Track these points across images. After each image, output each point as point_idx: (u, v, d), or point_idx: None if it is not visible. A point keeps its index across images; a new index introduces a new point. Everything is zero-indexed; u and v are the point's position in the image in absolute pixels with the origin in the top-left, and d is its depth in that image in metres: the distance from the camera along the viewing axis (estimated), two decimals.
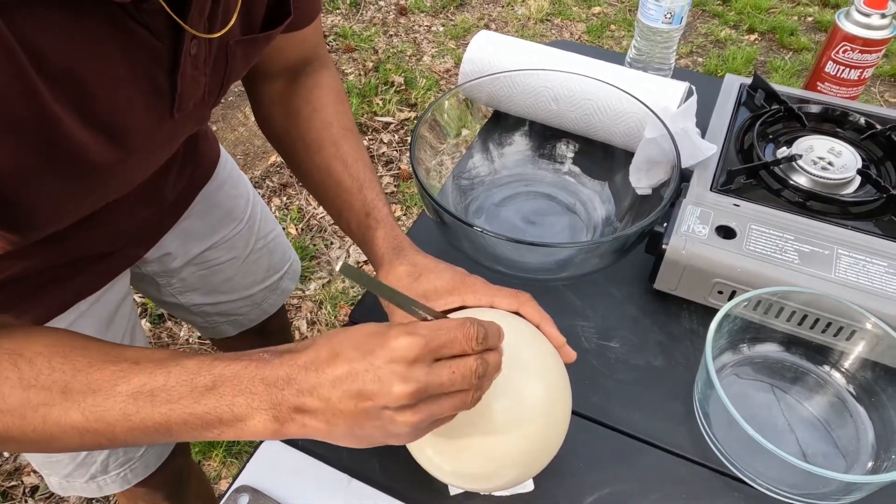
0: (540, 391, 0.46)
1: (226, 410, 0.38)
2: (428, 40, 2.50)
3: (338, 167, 0.60)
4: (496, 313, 0.51)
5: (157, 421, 0.39)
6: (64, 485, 0.75)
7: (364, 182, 0.59)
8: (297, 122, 0.63)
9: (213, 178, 0.79)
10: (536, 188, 0.78)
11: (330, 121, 0.62)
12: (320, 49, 0.68)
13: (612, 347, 0.65)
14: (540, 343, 0.49)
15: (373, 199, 0.58)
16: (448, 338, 0.38)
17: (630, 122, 0.76)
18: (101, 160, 0.42)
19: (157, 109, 0.46)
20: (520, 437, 0.46)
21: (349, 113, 0.65)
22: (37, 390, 0.39)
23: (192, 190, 0.76)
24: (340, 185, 0.59)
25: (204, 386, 0.38)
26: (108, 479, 0.75)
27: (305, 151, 0.62)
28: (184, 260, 0.79)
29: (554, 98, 0.80)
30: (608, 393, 0.61)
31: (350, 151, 0.61)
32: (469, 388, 0.39)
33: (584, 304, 0.69)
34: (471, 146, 0.77)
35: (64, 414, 0.39)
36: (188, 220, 0.76)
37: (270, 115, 0.66)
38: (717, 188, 0.69)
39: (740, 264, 0.62)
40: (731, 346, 0.62)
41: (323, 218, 1.87)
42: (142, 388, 0.39)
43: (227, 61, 0.50)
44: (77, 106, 0.38)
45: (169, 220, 0.74)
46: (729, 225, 0.65)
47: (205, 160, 0.77)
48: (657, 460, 0.57)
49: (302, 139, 0.62)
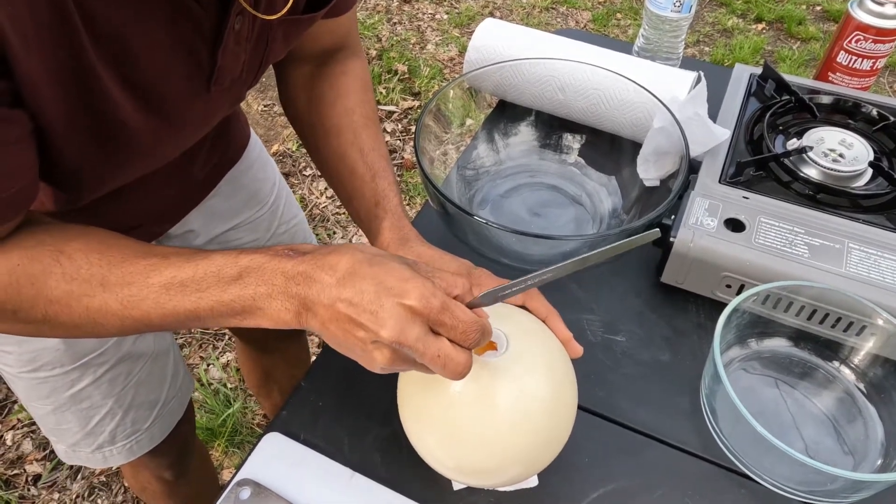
0: (545, 386, 0.46)
1: (248, 300, 0.41)
2: (432, 28, 2.48)
3: (354, 154, 0.60)
4: (502, 307, 0.50)
5: (187, 308, 0.42)
6: (69, 453, 0.76)
7: (378, 171, 0.59)
8: (319, 106, 0.63)
9: (242, 160, 0.79)
10: (542, 179, 0.77)
11: (352, 108, 0.62)
12: (353, 37, 0.68)
13: (617, 341, 0.64)
14: (546, 338, 0.48)
15: (384, 189, 0.58)
16: (450, 321, 0.40)
17: (638, 112, 0.75)
18: (136, 125, 0.44)
19: (195, 81, 0.47)
20: (525, 433, 0.45)
21: (373, 103, 0.65)
22: (79, 283, 0.42)
23: (221, 170, 0.76)
24: (354, 172, 0.59)
25: (230, 277, 0.42)
26: (113, 451, 0.76)
27: (324, 136, 0.62)
28: (206, 238, 0.79)
29: (560, 87, 0.79)
30: (614, 387, 0.61)
31: (368, 140, 0.60)
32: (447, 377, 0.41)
33: (590, 297, 0.68)
34: (475, 136, 0.76)
35: (104, 304, 0.42)
36: (214, 200, 0.77)
37: (295, 96, 0.66)
38: (726, 180, 0.68)
39: (749, 258, 0.61)
40: (739, 341, 0.62)
41: (325, 207, 1.86)
42: (172, 279, 0.42)
43: (268, 42, 0.52)
44: (118, 67, 0.40)
45: (196, 198, 0.74)
46: (738, 218, 0.64)
47: (235, 141, 0.78)
48: (663, 456, 0.57)
49: (322, 124, 0.62)
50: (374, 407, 0.59)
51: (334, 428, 0.58)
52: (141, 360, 0.73)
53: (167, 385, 0.78)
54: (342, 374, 0.62)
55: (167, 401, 0.79)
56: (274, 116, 2.13)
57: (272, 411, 1.26)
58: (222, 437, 1.36)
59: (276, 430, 0.58)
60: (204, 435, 1.36)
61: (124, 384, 0.72)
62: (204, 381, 1.46)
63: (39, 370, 0.67)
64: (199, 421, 1.38)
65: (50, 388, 0.68)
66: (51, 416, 0.71)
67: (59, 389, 0.69)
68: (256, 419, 1.42)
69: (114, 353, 0.69)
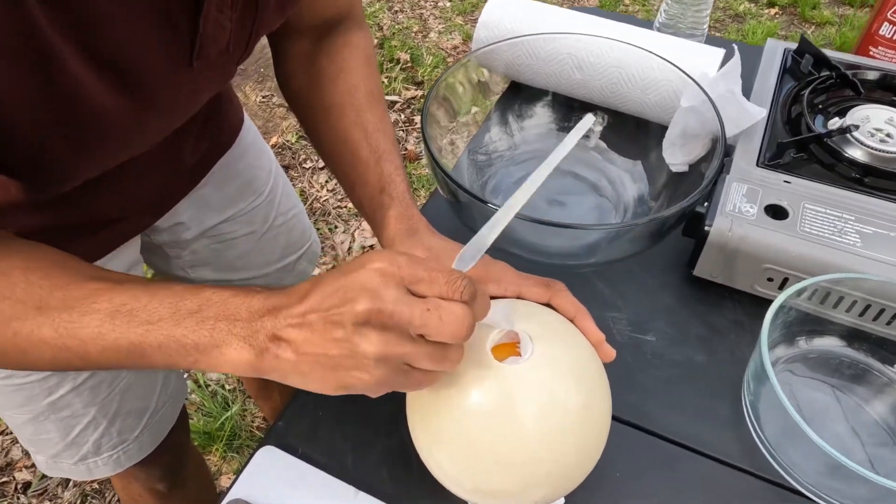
0: (576, 395, 0.40)
1: (205, 335, 0.35)
2: (434, 16, 2.42)
3: (357, 136, 0.54)
4: (524, 305, 0.44)
5: (131, 341, 0.36)
6: (51, 465, 0.70)
7: (383, 154, 0.53)
8: (319, 82, 0.57)
9: (235, 146, 0.73)
10: (559, 165, 0.71)
11: (355, 84, 0.56)
12: (356, 7, 0.62)
13: (647, 341, 0.59)
14: (575, 339, 0.42)
15: (390, 174, 0.52)
16: (428, 274, 0.35)
17: (663, 91, 0.69)
18: (106, 106, 0.39)
19: (174, 54, 0.42)
20: (553, 450, 0.39)
21: (377, 78, 0.59)
22: (10, 303, 0.37)
23: (212, 156, 0.70)
24: (357, 155, 0.53)
25: (188, 309, 0.36)
26: (98, 462, 0.70)
27: (324, 116, 0.56)
28: (197, 231, 0.73)
29: (578, 66, 0.73)
30: (644, 392, 0.55)
31: (372, 120, 0.54)
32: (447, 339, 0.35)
33: (615, 292, 0.62)
34: (488, 118, 0.70)
35: (36, 328, 0.37)
36: (205, 189, 0.71)
37: (293, 73, 0.59)
38: (764, 163, 0.62)
39: (795, 248, 0.55)
40: (784, 340, 0.56)
41: (326, 201, 1.80)
42: (121, 306, 0.37)
43: (258, 8, 0.46)
44: (78, 37, 0.35)
45: (185, 188, 0.69)
46: (780, 204, 0.58)
47: (227, 125, 0.72)
48: (702, 469, 0.51)
49: (322, 102, 0.56)
50: (380, 415, 0.53)
51: (336, 440, 0.52)
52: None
53: (157, 391, 0.72)
54: None
55: (157, 408, 0.73)
56: (272, 107, 2.07)
57: (272, 414, 1.21)
58: (220, 441, 1.31)
59: (271, 443, 0.52)
60: (201, 439, 1.30)
61: (109, 391, 0.66)
62: (201, 383, 1.41)
63: (14, 376, 0.61)
64: (196, 424, 1.33)
65: (26, 395, 0.63)
66: (28, 426, 0.65)
67: (37, 397, 0.63)
68: (256, 422, 1.37)
69: None
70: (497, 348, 0.40)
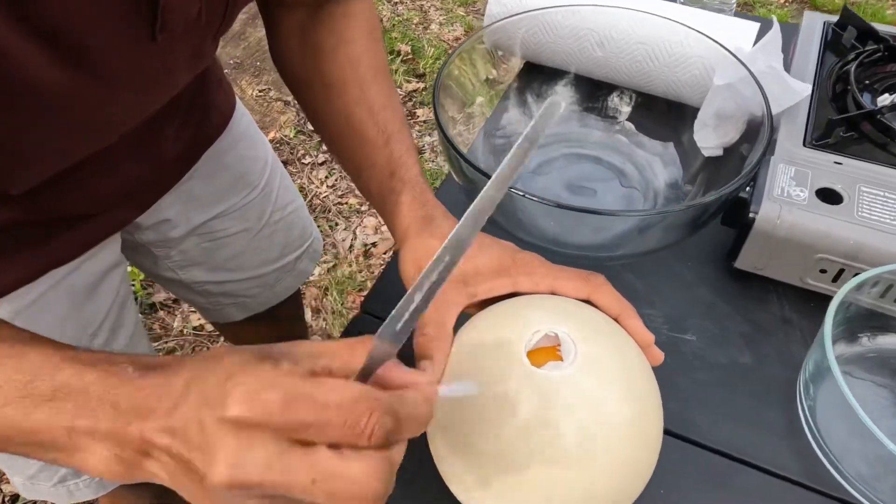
0: (627, 406, 0.34)
1: (61, 434, 0.29)
2: (435, 7, 2.36)
3: (361, 114, 0.48)
4: (560, 302, 0.38)
5: None
6: (28, 487, 0.64)
7: (392, 134, 0.47)
8: (318, 57, 0.51)
9: (225, 135, 0.67)
10: (581, 150, 0.65)
11: (358, 57, 0.50)
12: None
13: (686, 341, 0.53)
14: (622, 341, 0.37)
15: (400, 155, 0.46)
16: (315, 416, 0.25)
17: (694, 69, 0.63)
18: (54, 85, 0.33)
19: (133, 26, 0.36)
20: (600, 469, 0.33)
21: (382, 50, 0.53)
22: None
23: (198, 146, 0.64)
24: (363, 136, 0.47)
25: (40, 395, 0.29)
26: (80, 484, 0.64)
27: (325, 93, 0.50)
28: (185, 229, 0.67)
29: (599, 42, 0.67)
30: (687, 398, 0.49)
31: (378, 97, 0.49)
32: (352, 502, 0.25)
33: (648, 288, 0.57)
34: (505, 96, 0.64)
35: None
36: (192, 182, 0.65)
37: (288, 47, 0.53)
38: (811, 143, 0.56)
39: (854, 236, 0.49)
40: (841, 338, 0.50)
41: (326, 197, 1.75)
42: None
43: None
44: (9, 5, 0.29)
45: (168, 181, 0.62)
46: (832, 187, 0.52)
47: (215, 111, 0.65)
48: (756, 484, 0.45)
49: (322, 78, 0.50)
50: None
51: None
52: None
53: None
54: None
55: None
56: (270, 102, 2.01)
57: None
58: None
59: None
60: None
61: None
62: None
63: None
64: None
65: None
66: None
67: None
68: None
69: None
70: (533, 353, 0.35)
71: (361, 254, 1.62)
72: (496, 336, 0.35)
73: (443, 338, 0.36)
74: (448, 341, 0.37)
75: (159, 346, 1.43)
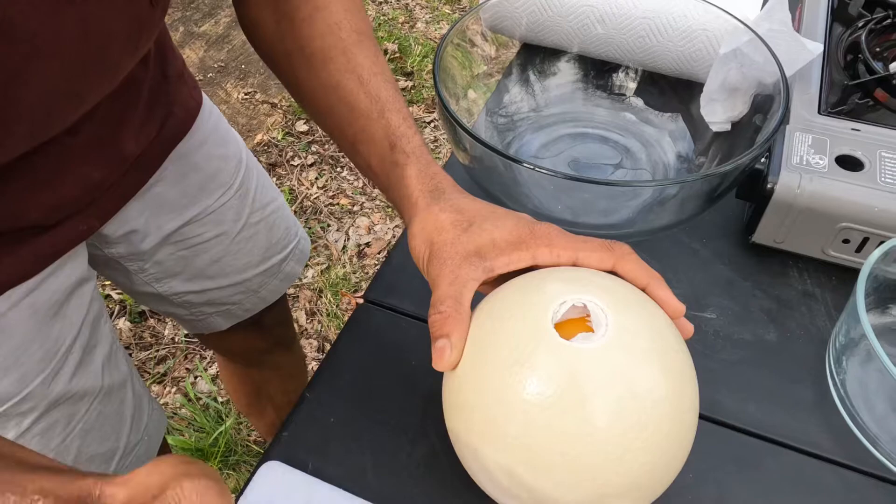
0: (665, 381, 0.32)
1: None
2: (421, 6, 2.34)
3: (350, 84, 0.44)
4: (583, 273, 0.36)
5: None
6: None
7: (386, 102, 0.43)
8: (293, 26, 0.46)
9: (192, 134, 0.63)
10: (587, 129, 0.63)
11: (337, 22, 0.46)
12: None
13: (707, 319, 0.51)
14: (652, 313, 0.34)
15: (398, 125, 0.42)
16: None
17: (699, 41, 0.61)
18: None
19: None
20: (637, 450, 0.31)
21: (363, 12, 0.49)
22: None
23: (163, 146, 0.60)
24: (355, 108, 0.44)
25: None
26: None
27: (306, 66, 0.46)
28: (157, 238, 0.63)
29: (599, 19, 0.65)
30: (713, 378, 0.47)
31: (366, 62, 0.45)
32: None
33: (664, 265, 0.54)
34: (508, 74, 0.62)
35: None
36: (158, 186, 0.61)
37: (259, 19, 0.49)
38: (827, 110, 0.54)
39: (878, 203, 0.47)
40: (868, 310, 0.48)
41: (317, 199, 1.71)
42: None
43: None
44: None
45: (131, 186, 0.58)
46: (853, 154, 0.50)
47: (179, 108, 0.61)
48: (790, 465, 0.43)
49: (301, 49, 0.46)
50: (404, 418, 0.45)
51: (352, 451, 0.44)
52: (85, 401, 0.56)
53: (127, 428, 0.62)
54: (357, 379, 0.48)
55: (129, 449, 0.62)
56: (256, 104, 1.98)
57: (268, 432, 1.11)
58: (215, 458, 1.21)
59: (275, 457, 0.43)
60: (193, 457, 1.21)
61: (64, 434, 0.55)
62: (191, 396, 1.31)
63: None
64: (188, 441, 1.23)
65: None
66: None
67: None
68: (252, 435, 1.27)
69: (41, 396, 0.53)
70: (560, 325, 0.32)
71: (355, 254, 1.59)
72: (519, 310, 0.33)
73: (460, 314, 0.34)
74: (466, 318, 0.34)
75: (150, 354, 1.39)
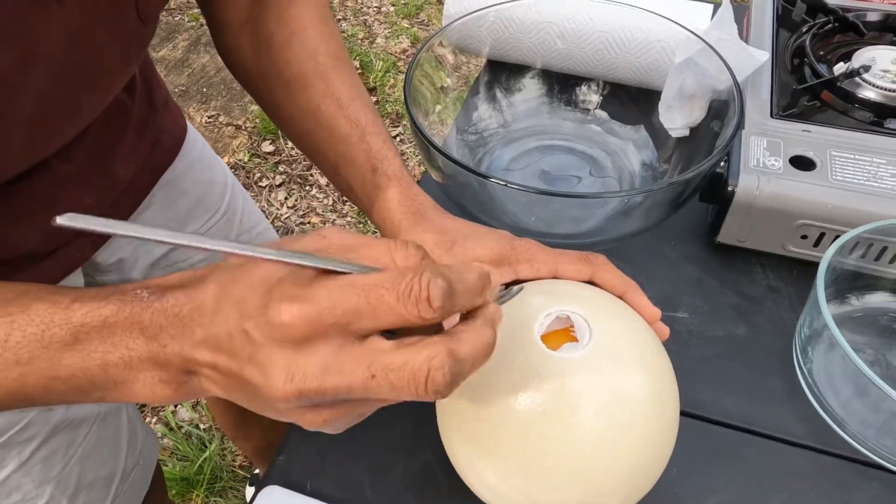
0: (647, 383, 0.34)
1: (97, 372, 0.28)
2: (379, 21, 2.35)
3: (330, 109, 0.46)
4: (562, 285, 0.38)
5: (8, 389, 0.29)
6: None
7: (366, 126, 0.45)
8: (270, 51, 0.48)
9: (179, 160, 0.63)
10: (553, 142, 0.65)
11: (314, 47, 0.47)
12: None
13: (679, 319, 0.53)
14: (631, 319, 0.36)
15: (379, 149, 0.44)
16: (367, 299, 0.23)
17: (655, 53, 0.64)
18: None
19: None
20: (624, 450, 0.33)
21: (338, 36, 0.50)
22: None
23: (152, 172, 0.61)
24: (335, 132, 0.45)
25: (61, 341, 0.28)
26: None
27: (284, 91, 0.47)
28: (145, 264, 0.63)
29: (559, 34, 0.68)
30: (689, 375, 0.49)
31: (344, 87, 0.46)
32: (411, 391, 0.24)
33: (636, 269, 0.56)
34: (475, 92, 0.64)
35: None
36: (147, 213, 0.61)
37: (236, 42, 0.50)
38: (779, 114, 0.57)
39: (831, 200, 0.50)
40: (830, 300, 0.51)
41: (288, 218, 1.71)
42: None
43: None
44: None
45: (121, 211, 0.58)
46: (806, 155, 0.53)
47: (167, 135, 0.62)
48: (767, 453, 0.45)
49: (279, 74, 0.47)
50: (398, 432, 0.46)
51: (349, 468, 0.45)
52: (84, 427, 0.56)
53: (124, 452, 0.62)
54: None
55: (127, 473, 0.63)
56: (220, 127, 1.97)
57: (254, 455, 1.10)
58: (200, 486, 1.20)
59: (272, 482, 0.44)
60: (179, 486, 1.20)
61: (65, 461, 0.55)
62: (173, 425, 1.30)
63: None
64: (172, 471, 1.22)
65: None
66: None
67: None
68: (238, 460, 1.26)
69: (41, 424, 0.53)
70: (546, 337, 0.34)
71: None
72: (507, 324, 0.34)
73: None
74: None
75: None
